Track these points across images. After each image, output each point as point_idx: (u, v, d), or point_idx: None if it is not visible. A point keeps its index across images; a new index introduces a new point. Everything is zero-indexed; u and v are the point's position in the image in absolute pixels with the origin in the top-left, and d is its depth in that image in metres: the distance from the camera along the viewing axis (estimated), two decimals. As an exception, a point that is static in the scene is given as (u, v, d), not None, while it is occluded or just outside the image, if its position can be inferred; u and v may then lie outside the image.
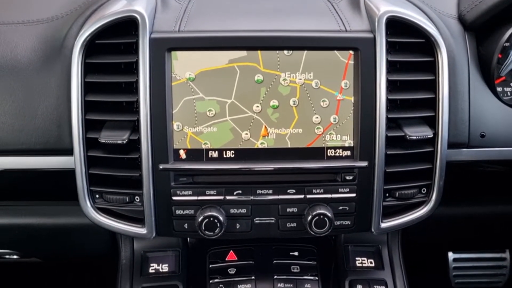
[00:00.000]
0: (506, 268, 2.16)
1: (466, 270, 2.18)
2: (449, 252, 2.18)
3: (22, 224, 1.13)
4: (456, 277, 2.18)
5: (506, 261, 2.16)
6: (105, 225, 1.01)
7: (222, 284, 1.05)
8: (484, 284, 2.19)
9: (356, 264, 1.12)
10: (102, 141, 0.95)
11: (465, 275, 2.19)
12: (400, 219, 1.04)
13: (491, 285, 2.19)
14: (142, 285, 1.06)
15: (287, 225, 1.01)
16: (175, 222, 1.00)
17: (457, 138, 1.05)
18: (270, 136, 0.99)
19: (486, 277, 2.18)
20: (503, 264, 2.17)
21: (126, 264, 1.10)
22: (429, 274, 2.23)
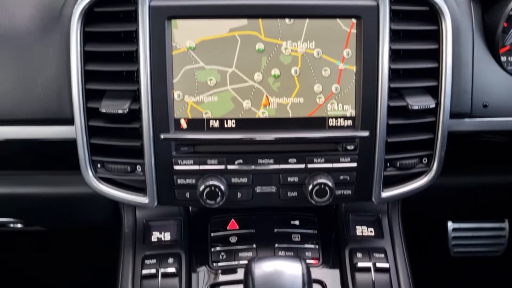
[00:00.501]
0: (505, 238, 2.19)
1: (465, 240, 2.20)
2: (449, 222, 2.20)
3: (25, 193, 1.14)
4: (455, 246, 2.21)
5: (504, 231, 2.19)
6: (107, 194, 1.02)
7: (223, 252, 1.07)
8: (482, 253, 2.22)
9: (356, 233, 1.13)
10: (103, 110, 0.95)
11: (464, 245, 2.21)
12: (400, 188, 1.04)
13: (489, 254, 2.22)
14: (144, 253, 1.07)
15: (288, 194, 1.01)
16: (176, 191, 1.00)
17: (460, 108, 1.05)
18: (271, 105, 0.99)
19: (484, 247, 2.21)
20: (501, 234, 2.19)
21: (128, 233, 1.11)
22: (429, 244, 2.26)
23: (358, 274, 1.05)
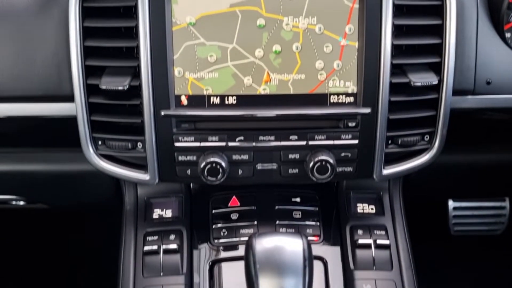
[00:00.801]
0: (505, 217, 2.19)
1: (466, 219, 2.21)
2: (450, 201, 2.21)
3: (26, 170, 1.14)
4: (456, 225, 2.21)
5: (505, 210, 2.19)
6: (108, 171, 1.02)
7: (225, 229, 1.07)
8: (482, 232, 2.24)
9: (357, 210, 1.13)
10: (103, 87, 0.94)
11: (464, 223, 2.22)
12: (401, 166, 1.04)
13: (489, 233, 2.24)
14: (146, 230, 1.08)
15: (289, 171, 1.01)
16: (177, 168, 1.00)
17: (462, 85, 1.04)
18: (272, 82, 0.98)
19: (484, 225, 2.22)
20: (502, 213, 2.19)
21: (130, 209, 1.12)
22: (429, 223, 2.27)
23: (359, 250, 1.05)
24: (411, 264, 1.06)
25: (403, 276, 1.03)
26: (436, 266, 2.25)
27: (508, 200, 2.20)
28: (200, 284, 1.01)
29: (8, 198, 1.25)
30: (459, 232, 2.23)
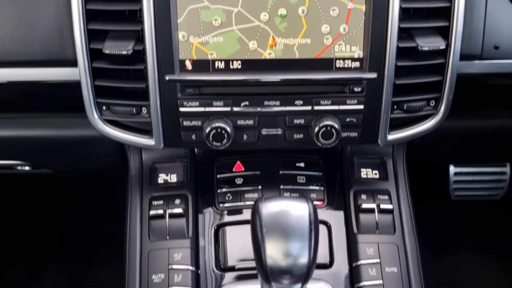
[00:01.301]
0: (505, 182, 2.21)
1: (466, 184, 2.23)
2: (451, 166, 2.22)
3: (31, 135, 1.14)
4: (456, 190, 2.24)
5: (506, 175, 2.21)
6: (113, 136, 1.02)
7: (229, 194, 1.08)
8: (482, 197, 2.26)
9: (361, 175, 1.14)
10: (106, 51, 0.93)
11: (465, 188, 2.25)
12: (406, 131, 1.04)
13: (489, 198, 2.26)
14: (151, 194, 1.09)
15: (294, 136, 1.01)
16: (182, 133, 1.00)
17: (470, 50, 1.03)
18: (277, 46, 0.97)
19: (485, 190, 2.24)
20: (502, 178, 2.21)
21: (135, 174, 1.12)
22: (429, 188, 2.30)
23: (362, 215, 1.07)
24: (413, 228, 1.07)
25: (405, 240, 1.05)
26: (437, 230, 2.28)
27: (509, 166, 2.22)
28: (206, 247, 1.03)
29: (14, 164, 1.25)
30: (459, 197, 2.26)
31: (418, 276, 1.01)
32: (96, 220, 2.15)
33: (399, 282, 1.00)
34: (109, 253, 2.09)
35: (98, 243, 2.14)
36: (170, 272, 0.99)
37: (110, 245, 2.00)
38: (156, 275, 0.99)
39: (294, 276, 0.75)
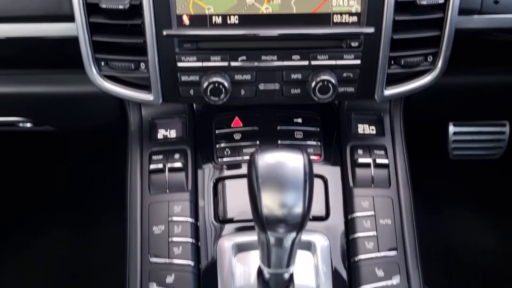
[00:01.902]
0: (504, 142, 2.23)
1: (465, 143, 2.25)
2: (450, 126, 2.23)
3: (32, 92, 1.15)
4: (455, 149, 2.25)
5: (505, 135, 2.22)
6: (113, 91, 1.03)
7: (228, 149, 1.10)
8: (480, 156, 2.28)
9: (358, 131, 1.15)
10: (103, 6, 0.93)
11: (464, 148, 2.26)
12: (403, 86, 1.05)
13: (487, 157, 2.28)
14: (151, 149, 1.11)
15: (291, 91, 1.02)
16: (180, 88, 1.01)
17: (469, 4, 1.02)
18: (275, 1, 0.96)
19: (483, 150, 2.26)
20: (501, 138, 2.23)
21: (135, 130, 1.14)
22: (428, 147, 2.31)
23: (358, 169, 1.09)
24: (408, 183, 1.09)
25: (400, 194, 1.07)
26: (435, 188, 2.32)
27: (508, 125, 2.22)
28: (205, 200, 1.06)
29: (15, 120, 1.27)
30: (458, 156, 2.27)
31: (412, 228, 1.04)
32: (97, 176, 2.19)
33: (392, 234, 1.02)
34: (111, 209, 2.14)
35: (99, 199, 2.18)
36: (170, 224, 1.02)
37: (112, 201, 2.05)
38: (157, 226, 1.02)
39: (289, 225, 0.76)
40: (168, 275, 0.97)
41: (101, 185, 2.15)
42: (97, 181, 2.15)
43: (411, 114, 1.24)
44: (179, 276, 0.97)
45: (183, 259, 0.98)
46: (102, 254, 2.09)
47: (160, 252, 0.99)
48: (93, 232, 2.16)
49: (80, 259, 2.12)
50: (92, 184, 2.16)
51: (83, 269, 2.09)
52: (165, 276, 0.97)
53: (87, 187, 2.20)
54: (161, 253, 0.99)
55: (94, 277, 2.01)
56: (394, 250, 1.01)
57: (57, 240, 2.15)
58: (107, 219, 2.14)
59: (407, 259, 1.01)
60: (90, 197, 2.20)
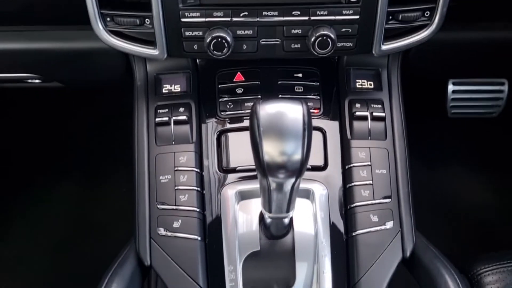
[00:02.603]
0: (502, 100, 2.25)
1: (464, 102, 2.28)
2: (449, 84, 2.25)
3: (40, 48, 1.17)
4: (453, 107, 2.29)
5: (503, 93, 2.25)
6: (119, 47, 1.06)
7: (230, 102, 1.14)
8: (479, 114, 2.31)
9: (356, 86, 1.18)
10: None
11: (462, 106, 2.29)
12: (400, 41, 1.07)
13: (485, 115, 2.31)
14: (157, 103, 1.15)
15: (291, 46, 1.05)
16: (184, 43, 1.04)
17: None
18: None
19: (481, 108, 2.29)
20: (499, 96, 2.25)
21: (141, 85, 1.17)
22: (427, 104, 2.34)
23: (356, 122, 1.13)
24: (404, 135, 1.13)
25: (395, 145, 1.12)
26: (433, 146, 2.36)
27: (507, 84, 2.25)
28: (209, 151, 1.10)
29: (24, 76, 1.30)
30: (456, 115, 2.31)
31: (406, 177, 1.09)
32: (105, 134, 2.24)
33: (387, 183, 1.08)
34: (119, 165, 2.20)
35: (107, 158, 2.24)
36: (176, 173, 1.07)
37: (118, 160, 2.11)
38: (164, 176, 1.07)
39: (288, 171, 0.81)
40: (175, 220, 1.03)
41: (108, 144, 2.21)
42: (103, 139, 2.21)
43: (410, 70, 1.27)
44: (185, 221, 1.03)
45: (189, 206, 1.04)
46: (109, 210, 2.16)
47: (167, 200, 1.05)
48: (103, 188, 2.23)
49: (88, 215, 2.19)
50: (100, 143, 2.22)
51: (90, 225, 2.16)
52: (172, 221, 1.03)
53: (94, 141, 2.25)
54: (168, 200, 1.05)
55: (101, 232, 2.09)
56: (388, 198, 1.07)
57: (68, 196, 2.21)
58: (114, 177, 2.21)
59: (400, 206, 1.06)
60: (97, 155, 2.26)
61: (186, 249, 1.01)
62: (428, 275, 0.99)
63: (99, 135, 2.27)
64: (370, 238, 1.03)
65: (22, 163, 2.25)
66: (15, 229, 2.15)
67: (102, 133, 2.28)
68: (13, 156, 2.27)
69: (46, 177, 2.24)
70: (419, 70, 1.35)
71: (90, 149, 2.29)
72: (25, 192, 2.19)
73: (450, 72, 1.64)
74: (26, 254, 2.12)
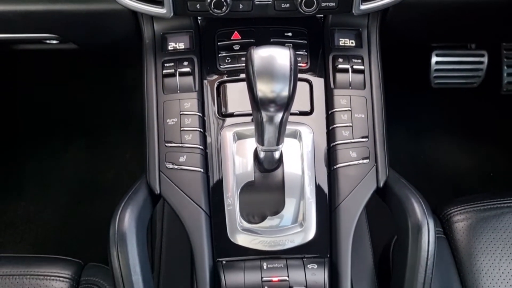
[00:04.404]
0: (482, 71, 2.41)
1: (446, 72, 2.43)
2: (433, 57, 2.40)
3: (59, 10, 1.29)
4: (436, 78, 2.44)
5: (483, 64, 2.41)
6: (130, 6, 1.20)
7: (228, 57, 1.29)
8: (460, 84, 2.46)
9: (339, 44, 1.32)
10: None
11: (444, 77, 2.45)
12: (377, 2, 1.22)
13: (466, 85, 2.47)
14: (163, 58, 1.29)
15: (281, 6, 1.20)
16: (189, 3, 1.19)
17: None
18: None
19: (463, 78, 2.44)
20: (480, 67, 2.41)
21: (149, 43, 1.32)
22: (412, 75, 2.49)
23: (339, 74, 1.27)
24: (380, 86, 1.28)
25: (373, 94, 1.27)
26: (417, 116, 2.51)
27: (486, 55, 2.40)
28: (209, 99, 1.26)
29: (43, 37, 1.44)
30: (439, 85, 2.46)
31: (381, 121, 1.24)
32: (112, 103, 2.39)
33: (365, 125, 1.23)
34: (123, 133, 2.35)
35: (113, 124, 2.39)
36: (181, 117, 1.22)
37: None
38: (171, 119, 1.22)
39: (278, 105, 0.95)
40: (181, 156, 1.19)
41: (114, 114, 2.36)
42: (111, 110, 2.34)
43: (389, 32, 1.41)
44: (189, 156, 1.19)
45: (193, 144, 1.20)
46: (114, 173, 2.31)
47: (174, 139, 1.21)
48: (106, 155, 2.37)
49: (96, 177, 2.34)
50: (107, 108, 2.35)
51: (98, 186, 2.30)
52: (178, 157, 1.19)
53: (101, 115, 2.40)
54: (175, 139, 1.21)
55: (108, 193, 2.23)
56: (366, 138, 1.22)
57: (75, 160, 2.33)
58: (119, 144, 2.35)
59: (376, 145, 1.22)
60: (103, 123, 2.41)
61: (191, 180, 1.17)
62: (398, 200, 1.15)
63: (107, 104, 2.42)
64: (349, 171, 1.19)
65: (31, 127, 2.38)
66: (27, 191, 2.27)
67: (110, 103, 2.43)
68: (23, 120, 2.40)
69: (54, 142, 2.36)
70: (397, 32, 1.48)
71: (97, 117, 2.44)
72: (36, 155, 2.32)
73: (429, 36, 1.76)
74: (38, 214, 2.26)
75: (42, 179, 2.32)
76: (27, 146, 2.34)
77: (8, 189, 2.33)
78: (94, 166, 2.33)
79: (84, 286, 1.36)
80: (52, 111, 2.40)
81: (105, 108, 2.40)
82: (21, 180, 2.32)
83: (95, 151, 2.36)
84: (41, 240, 2.20)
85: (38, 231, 2.21)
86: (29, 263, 1.38)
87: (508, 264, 1.40)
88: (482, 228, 1.45)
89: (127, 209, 1.11)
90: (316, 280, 1.07)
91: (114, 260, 1.05)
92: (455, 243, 1.44)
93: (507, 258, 1.41)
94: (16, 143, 2.38)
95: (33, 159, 2.33)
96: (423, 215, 1.10)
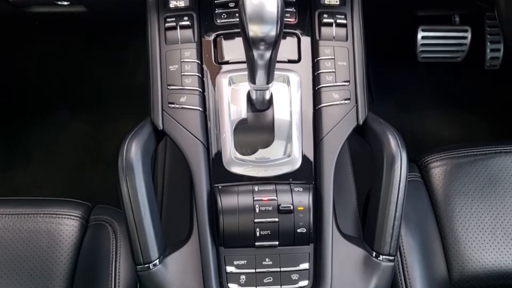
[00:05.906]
0: (466, 46, 2.55)
1: (432, 47, 2.57)
2: (419, 32, 2.55)
3: None
4: (422, 52, 2.58)
5: (467, 39, 2.55)
6: None
7: (224, 13, 1.41)
8: (445, 58, 2.61)
9: (325, 2, 1.44)
10: None
11: (430, 51, 2.59)
12: None
13: (451, 59, 2.61)
14: (166, 14, 1.42)
15: None
16: None
17: None
18: None
19: (448, 53, 2.58)
20: (464, 42, 2.55)
21: (152, 1, 1.45)
22: (399, 50, 2.63)
23: (323, 27, 1.40)
24: (361, 38, 1.41)
25: (354, 45, 1.38)
26: (404, 90, 2.65)
27: (470, 31, 2.54)
28: (207, 49, 1.39)
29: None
30: (425, 59, 2.60)
31: (361, 68, 1.37)
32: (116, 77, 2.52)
33: (347, 71, 1.36)
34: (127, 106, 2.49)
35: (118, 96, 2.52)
36: (182, 63, 1.35)
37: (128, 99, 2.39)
38: (172, 66, 1.36)
39: (267, 43, 1.08)
40: (181, 97, 1.32)
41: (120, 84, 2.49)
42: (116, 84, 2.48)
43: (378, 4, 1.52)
44: (189, 97, 1.32)
45: (192, 86, 1.33)
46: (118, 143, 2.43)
47: (175, 82, 1.34)
48: (110, 126, 2.50)
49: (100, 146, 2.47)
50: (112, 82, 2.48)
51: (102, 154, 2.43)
52: (179, 97, 1.33)
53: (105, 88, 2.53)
54: (176, 82, 1.34)
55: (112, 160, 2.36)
56: (347, 82, 1.36)
57: (79, 133, 2.46)
58: (122, 117, 2.48)
59: (357, 89, 1.36)
60: (108, 97, 2.54)
61: (190, 117, 1.31)
62: (375, 135, 1.29)
63: (110, 77, 2.55)
64: (332, 110, 1.32)
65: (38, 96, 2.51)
66: (35, 158, 2.42)
67: (113, 76, 2.56)
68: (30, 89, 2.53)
69: (59, 115, 2.50)
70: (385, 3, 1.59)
71: (101, 90, 2.57)
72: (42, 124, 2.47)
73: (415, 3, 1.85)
74: (44, 179, 2.39)
75: (48, 148, 2.45)
76: (33, 113, 2.47)
77: (17, 157, 2.46)
78: (98, 138, 2.47)
79: (93, 223, 1.50)
80: (57, 80, 2.53)
81: (108, 82, 2.53)
82: (28, 149, 2.45)
83: (99, 123, 2.49)
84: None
85: (45, 195, 2.33)
86: (42, 204, 1.52)
87: (479, 204, 1.54)
88: (456, 173, 1.59)
89: (133, 141, 1.25)
90: (302, 201, 1.21)
91: (123, 183, 1.19)
92: (432, 186, 1.57)
93: (478, 199, 1.55)
94: (25, 115, 2.52)
95: (38, 131, 2.46)
96: (397, 147, 1.24)
